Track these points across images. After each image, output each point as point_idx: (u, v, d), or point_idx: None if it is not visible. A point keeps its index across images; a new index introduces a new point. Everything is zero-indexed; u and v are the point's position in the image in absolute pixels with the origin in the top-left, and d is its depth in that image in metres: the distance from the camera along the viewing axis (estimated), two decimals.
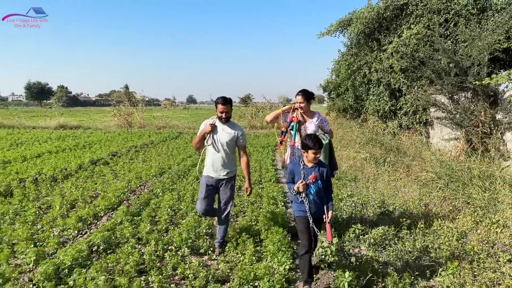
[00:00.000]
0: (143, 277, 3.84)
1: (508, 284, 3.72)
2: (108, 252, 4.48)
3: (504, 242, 4.68)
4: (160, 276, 3.75)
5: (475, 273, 3.98)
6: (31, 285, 3.57)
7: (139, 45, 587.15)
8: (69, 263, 3.95)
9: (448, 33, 10.14)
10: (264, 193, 6.95)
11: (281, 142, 4.92)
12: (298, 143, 4.63)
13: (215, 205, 4.81)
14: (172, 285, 3.75)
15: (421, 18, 10.96)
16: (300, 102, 4.65)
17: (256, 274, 3.81)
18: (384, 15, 11.89)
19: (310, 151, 3.61)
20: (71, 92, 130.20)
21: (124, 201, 6.77)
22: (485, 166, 6.24)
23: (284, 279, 3.70)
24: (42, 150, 12.94)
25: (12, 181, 7.95)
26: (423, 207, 6.10)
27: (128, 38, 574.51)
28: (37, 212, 6.02)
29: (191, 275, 3.88)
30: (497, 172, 5.90)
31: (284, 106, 4.86)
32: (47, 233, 5.04)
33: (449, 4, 10.72)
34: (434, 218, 5.51)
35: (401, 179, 7.77)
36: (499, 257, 4.25)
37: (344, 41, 15.32)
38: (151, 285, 3.71)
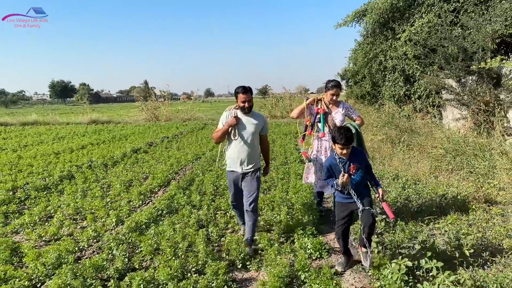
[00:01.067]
0: (203, 229, 4.90)
1: (498, 230, 4.61)
2: (171, 215, 5.57)
3: (500, 201, 5.55)
4: (217, 227, 4.82)
5: (470, 223, 4.89)
6: (120, 235, 4.66)
7: (157, 41, 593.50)
8: (145, 221, 5.06)
9: (457, 21, 10.83)
10: (292, 171, 7.95)
11: (303, 137, 4.93)
12: (328, 135, 4.68)
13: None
14: (225, 236, 4.80)
15: (432, 7, 11.65)
16: (336, 95, 4.64)
17: (291, 225, 4.83)
18: (398, 5, 12.61)
19: (337, 145, 3.44)
20: (93, 90, 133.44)
21: (172, 180, 7.88)
22: (487, 141, 7.06)
23: (314, 229, 4.68)
24: (83, 142, 14.22)
25: (71, 167, 9.18)
26: (433, 178, 6.98)
27: (145, 35, 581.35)
28: (101, 190, 7.18)
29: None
30: (495, 145, 6.72)
31: (307, 99, 4.77)
32: (117, 203, 6.18)
33: None
34: (443, 187, 6.40)
35: (414, 156, 8.61)
36: (492, 211, 5.14)
37: (360, 31, 16.08)
38: (211, 234, 4.76)
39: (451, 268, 3.55)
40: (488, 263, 3.83)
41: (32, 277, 3.73)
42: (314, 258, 4.03)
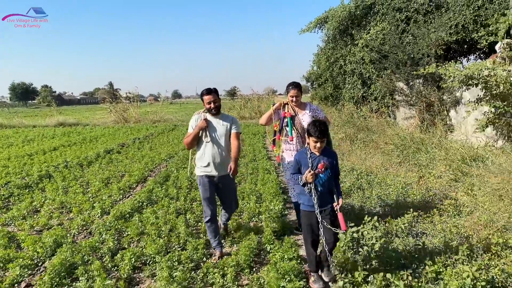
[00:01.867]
0: (182, 215, 5.53)
1: (434, 212, 5.50)
2: (152, 205, 6.17)
3: (436, 187, 6.49)
4: (194, 214, 5.48)
5: (409, 205, 5.78)
6: (107, 223, 5.23)
7: (120, 42, 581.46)
8: (129, 210, 5.65)
9: (408, 29, 11.95)
10: (260, 166, 8.70)
11: (274, 143, 4.98)
12: (296, 138, 4.66)
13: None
14: (201, 221, 5.46)
15: (386, 16, 12.75)
16: (295, 96, 4.65)
17: (259, 211, 5.55)
18: (355, 13, 13.66)
19: (311, 138, 3.41)
20: (55, 92, 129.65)
21: (148, 177, 8.44)
22: (429, 136, 8.07)
23: (279, 212, 5.42)
24: (54, 144, 14.40)
25: (48, 167, 9.53)
26: (384, 170, 7.90)
27: (108, 35, 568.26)
28: (81, 187, 7.65)
29: None
30: (435, 140, 7.71)
31: (273, 105, 4.80)
32: (99, 197, 6.71)
33: (409, 3, 12.53)
34: (391, 176, 7.31)
35: (370, 152, 9.55)
36: (429, 195, 6.06)
37: (322, 37, 17.07)
38: (189, 220, 5.41)
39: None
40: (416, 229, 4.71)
41: (34, 258, 4.26)
42: (278, 235, 4.76)
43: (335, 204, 3.43)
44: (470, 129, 7.57)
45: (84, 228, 5.28)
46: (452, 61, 7.18)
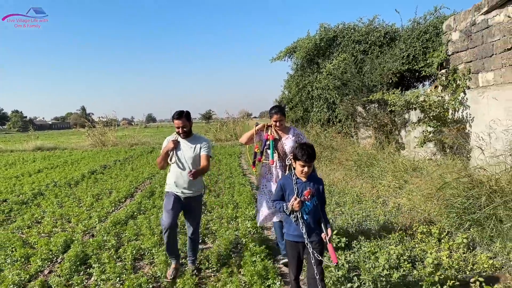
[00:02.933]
0: None
1: (380, 212, 6.65)
2: (143, 214, 7.08)
3: (385, 195, 7.69)
4: (181, 219, 6.45)
5: (363, 208, 6.93)
6: (106, 228, 6.12)
7: (92, 66, 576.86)
8: (124, 218, 6.57)
9: (366, 59, 13.46)
10: (236, 181, 9.75)
11: (254, 164, 4.83)
12: (277, 162, 4.57)
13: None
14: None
15: (347, 47, 14.28)
16: (279, 121, 4.53)
17: (236, 215, 6.58)
18: (320, 44, 15.15)
19: (298, 163, 3.21)
20: (26, 117, 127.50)
21: (134, 193, 9.33)
22: (381, 153, 9.35)
23: (253, 216, 6.45)
24: (37, 167, 15.00)
25: (39, 187, 10.26)
26: (345, 183, 9.09)
27: (79, 59, 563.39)
28: (75, 202, 8.47)
29: None
30: (385, 156, 8.99)
31: (256, 125, 4.70)
32: (94, 209, 7.57)
33: (366, 36, 14.11)
34: (349, 187, 8.48)
35: (334, 168, 10.76)
36: (378, 200, 7.24)
37: (291, 65, 18.53)
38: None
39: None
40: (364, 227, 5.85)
41: (49, 254, 5.13)
42: (252, 232, 5.78)
43: (323, 234, 3.15)
44: (413, 146, 8.91)
45: (87, 232, 6.16)
46: (396, 89, 8.55)
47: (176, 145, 4.35)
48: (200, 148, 4.38)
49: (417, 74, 13.11)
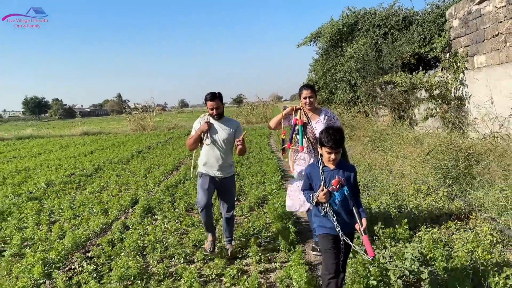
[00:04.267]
0: None
1: (385, 177, 7.85)
2: (187, 181, 8.60)
3: (392, 163, 8.86)
4: None
5: (371, 175, 8.15)
6: (161, 189, 7.68)
7: (127, 54, 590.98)
8: (174, 183, 8.12)
9: (386, 43, 14.37)
10: (264, 157, 11.15)
11: (283, 150, 4.57)
12: (307, 149, 4.32)
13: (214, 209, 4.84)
14: None
15: (368, 32, 15.19)
16: (309, 97, 4.24)
17: (264, 181, 7.98)
18: (343, 30, 16.12)
19: (324, 149, 2.93)
20: (66, 105, 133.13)
21: (179, 166, 10.92)
22: (396, 129, 10.46)
23: (276, 183, 7.81)
24: (90, 149, 16.95)
25: (96, 163, 12.05)
26: (361, 156, 10.29)
27: (116, 47, 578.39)
28: (130, 174, 10.13)
29: None
30: (399, 132, 10.09)
31: (284, 109, 4.45)
32: (148, 179, 9.18)
33: (386, 20, 14.97)
34: (364, 159, 9.67)
35: (353, 144, 11.95)
36: (391, 171, 8.43)
37: (316, 50, 19.57)
38: None
39: None
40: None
41: (121, 207, 6.73)
42: (278, 189, 7.15)
43: (357, 225, 2.89)
44: (424, 123, 9.98)
45: (146, 193, 7.75)
46: (408, 71, 9.57)
47: (210, 127, 4.34)
48: (235, 132, 4.42)
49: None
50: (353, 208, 2.93)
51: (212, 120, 4.40)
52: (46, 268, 4.25)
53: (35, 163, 13.04)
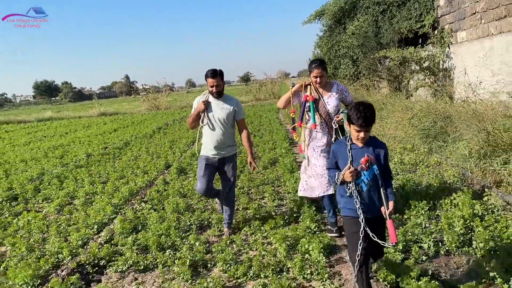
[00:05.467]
0: None
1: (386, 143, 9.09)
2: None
3: (388, 129, 10.06)
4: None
5: None
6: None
7: (133, 34, 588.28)
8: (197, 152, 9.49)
9: (384, 20, 15.34)
10: (274, 128, 12.44)
11: (294, 129, 4.48)
12: (320, 126, 4.18)
13: (216, 187, 4.80)
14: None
15: (368, 9, 16.15)
16: (320, 76, 4.07)
17: (274, 147, 9.29)
18: (345, 8, 17.08)
19: (352, 127, 2.74)
20: (75, 88, 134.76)
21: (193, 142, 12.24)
22: (391, 99, 11.64)
23: (284, 147, 9.10)
24: (113, 127, 18.33)
25: (123, 139, 13.45)
26: None
27: (121, 28, 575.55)
28: (157, 146, 11.50)
29: None
30: (394, 101, 11.26)
31: (293, 85, 4.29)
32: (173, 149, 10.55)
33: None
34: None
35: None
36: (385, 135, 9.65)
37: (320, 27, 20.55)
38: None
39: None
40: None
41: (157, 170, 8.11)
42: (287, 153, 8.43)
43: (382, 208, 2.75)
44: (415, 93, 11.15)
45: (177, 159, 9.12)
46: (404, 46, 10.65)
47: (207, 106, 4.26)
48: (235, 111, 4.32)
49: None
50: (381, 189, 2.76)
51: (211, 99, 4.31)
52: (113, 208, 5.65)
53: (66, 141, 14.49)
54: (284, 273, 3.59)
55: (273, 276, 3.41)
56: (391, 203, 2.73)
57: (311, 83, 4.20)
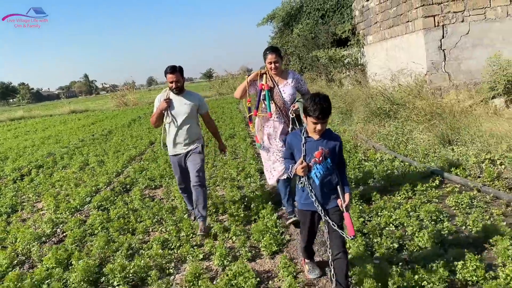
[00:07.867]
0: None
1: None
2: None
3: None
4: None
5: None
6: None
7: (91, 32, 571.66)
8: None
9: (322, 24, 18.37)
10: (234, 115, 15.18)
11: (250, 119, 4.38)
12: (275, 114, 4.16)
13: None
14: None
15: (310, 14, 19.17)
16: (274, 62, 4.07)
17: (234, 128, 12.03)
18: (291, 13, 20.04)
19: (309, 119, 2.68)
20: (32, 88, 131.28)
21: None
22: (327, 90, 14.66)
23: (241, 129, 11.85)
24: (89, 122, 20.39)
25: (105, 129, 15.74)
26: None
27: (78, 27, 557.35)
28: (137, 132, 13.91)
29: None
30: (324, 90, 14.25)
31: (248, 75, 4.26)
32: (151, 135, 13.06)
33: (323, 4, 18.95)
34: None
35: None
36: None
37: (271, 29, 23.53)
38: None
39: None
40: None
41: (145, 146, 10.64)
42: (242, 130, 11.15)
43: (339, 201, 2.71)
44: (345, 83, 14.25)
45: (158, 139, 11.65)
46: (326, 48, 13.65)
47: (170, 104, 4.24)
48: (198, 106, 4.37)
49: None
50: (337, 182, 2.76)
51: (172, 96, 4.29)
52: (122, 164, 8.24)
53: (53, 133, 16.55)
54: None
55: None
56: (347, 195, 2.72)
57: (267, 72, 4.20)
